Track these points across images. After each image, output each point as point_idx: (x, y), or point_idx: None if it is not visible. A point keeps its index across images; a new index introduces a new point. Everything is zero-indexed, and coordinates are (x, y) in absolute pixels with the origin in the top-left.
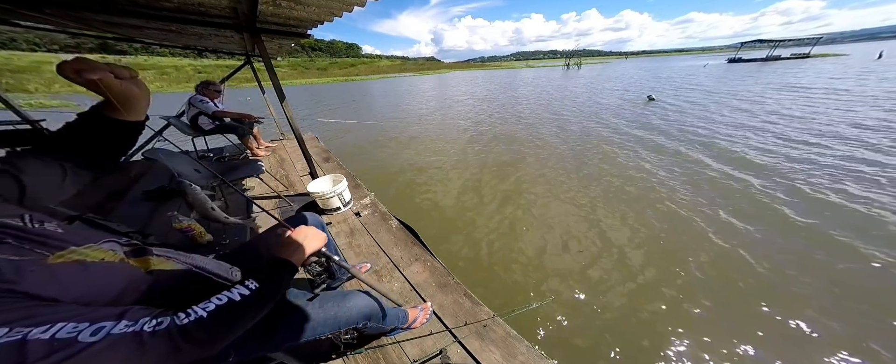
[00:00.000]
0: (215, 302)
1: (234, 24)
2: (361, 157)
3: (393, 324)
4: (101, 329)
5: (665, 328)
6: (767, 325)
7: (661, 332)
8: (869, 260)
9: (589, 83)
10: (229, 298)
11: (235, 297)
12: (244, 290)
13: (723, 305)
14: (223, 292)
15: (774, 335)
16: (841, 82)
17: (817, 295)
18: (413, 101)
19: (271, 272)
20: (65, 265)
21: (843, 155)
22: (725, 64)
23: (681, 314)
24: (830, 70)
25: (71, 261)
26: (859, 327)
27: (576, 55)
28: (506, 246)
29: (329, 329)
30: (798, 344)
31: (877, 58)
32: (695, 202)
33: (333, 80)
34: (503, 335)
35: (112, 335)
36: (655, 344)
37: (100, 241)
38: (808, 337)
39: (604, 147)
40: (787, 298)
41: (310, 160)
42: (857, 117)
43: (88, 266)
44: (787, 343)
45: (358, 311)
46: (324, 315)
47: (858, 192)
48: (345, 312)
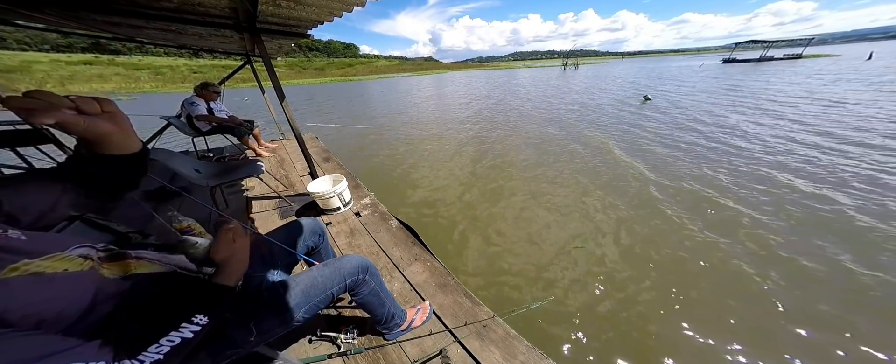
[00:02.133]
0: (168, 344)
1: (233, 24)
2: (361, 157)
3: (391, 304)
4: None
5: (666, 327)
6: (751, 316)
7: (662, 331)
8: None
9: (588, 85)
10: (181, 338)
11: (188, 335)
12: (195, 328)
13: (724, 300)
14: (173, 332)
15: (743, 332)
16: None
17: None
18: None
19: (216, 301)
20: (21, 279)
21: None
22: (720, 64)
23: (682, 313)
24: (829, 70)
25: (26, 274)
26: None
27: (573, 55)
28: (506, 246)
29: (337, 284)
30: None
31: (867, 58)
32: (696, 200)
33: (331, 81)
34: (503, 335)
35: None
36: (657, 343)
37: (70, 248)
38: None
39: (603, 147)
40: (749, 295)
41: (310, 160)
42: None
43: (50, 278)
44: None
45: (356, 262)
46: (328, 271)
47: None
48: (346, 264)
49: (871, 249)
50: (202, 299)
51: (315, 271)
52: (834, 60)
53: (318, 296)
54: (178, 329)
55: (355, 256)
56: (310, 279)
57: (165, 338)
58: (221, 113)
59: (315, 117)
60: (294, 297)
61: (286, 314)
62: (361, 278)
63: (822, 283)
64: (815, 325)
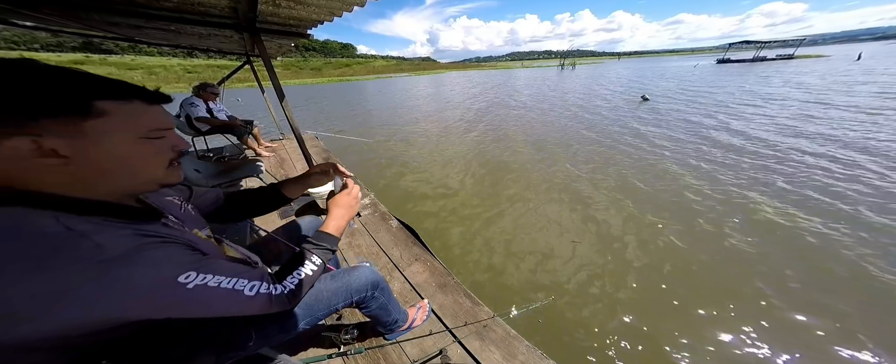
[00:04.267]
0: (301, 274)
1: (233, 24)
2: (361, 157)
3: (397, 313)
4: (255, 287)
5: (667, 327)
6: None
7: (663, 330)
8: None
9: (586, 85)
10: (305, 273)
11: (309, 272)
12: (314, 266)
13: (729, 301)
14: (299, 268)
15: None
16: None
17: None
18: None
19: (324, 246)
20: (197, 237)
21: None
22: (714, 65)
23: (682, 311)
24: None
25: (198, 237)
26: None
27: (570, 55)
28: (506, 246)
29: (343, 300)
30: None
31: (856, 59)
32: (697, 199)
33: (328, 81)
34: (503, 335)
35: (260, 294)
36: (658, 342)
37: (202, 227)
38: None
39: (601, 148)
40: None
41: (310, 160)
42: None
43: (204, 241)
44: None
45: (365, 279)
46: (335, 286)
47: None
48: (355, 280)
49: None
50: (315, 248)
51: (321, 284)
52: (827, 61)
53: (322, 310)
54: (303, 266)
55: (365, 270)
56: (315, 292)
57: (296, 271)
58: (221, 113)
59: (315, 125)
60: (297, 307)
61: (287, 323)
62: (370, 294)
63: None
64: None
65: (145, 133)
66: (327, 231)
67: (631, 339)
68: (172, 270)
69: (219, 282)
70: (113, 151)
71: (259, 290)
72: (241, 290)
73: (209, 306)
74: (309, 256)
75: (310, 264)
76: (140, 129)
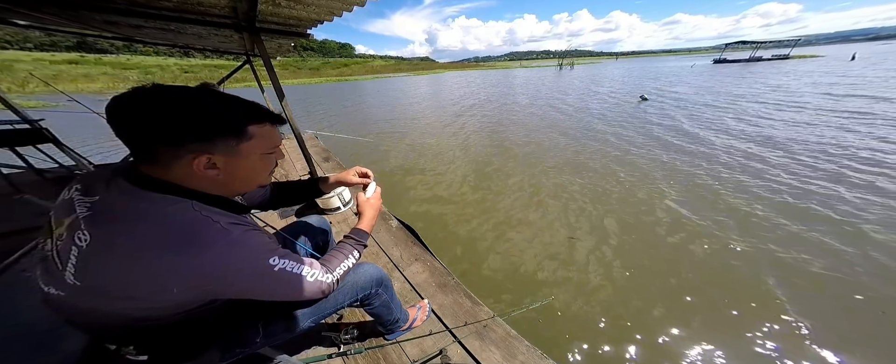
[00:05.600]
0: (345, 266)
1: (233, 23)
2: (361, 158)
3: (398, 312)
4: (314, 274)
5: (669, 326)
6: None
7: (665, 329)
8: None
9: (585, 85)
10: (348, 265)
11: (351, 262)
12: (354, 259)
13: (731, 301)
14: (344, 260)
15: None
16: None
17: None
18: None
19: (360, 241)
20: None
21: None
22: (711, 65)
23: (683, 311)
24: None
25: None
26: None
27: (568, 55)
28: (506, 246)
29: (348, 298)
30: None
31: (850, 59)
32: (698, 199)
33: (326, 81)
34: (503, 335)
35: (318, 280)
36: (659, 342)
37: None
38: None
39: (602, 148)
40: (749, 294)
41: (310, 160)
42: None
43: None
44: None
45: (370, 276)
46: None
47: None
48: (360, 278)
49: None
50: (357, 243)
51: None
52: (825, 61)
53: (329, 308)
54: (347, 258)
55: (370, 268)
56: None
57: (342, 263)
58: None
59: (314, 125)
60: (303, 305)
61: (292, 321)
62: (375, 292)
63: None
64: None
65: (269, 150)
66: (363, 228)
67: (631, 339)
68: (266, 254)
69: (292, 267)
70: (249, 166)
71: (318, 276)
72: (305, 276)
73: (281, 287)
74: (351, 251)
75: (352, 258)
76: (267, 148)
